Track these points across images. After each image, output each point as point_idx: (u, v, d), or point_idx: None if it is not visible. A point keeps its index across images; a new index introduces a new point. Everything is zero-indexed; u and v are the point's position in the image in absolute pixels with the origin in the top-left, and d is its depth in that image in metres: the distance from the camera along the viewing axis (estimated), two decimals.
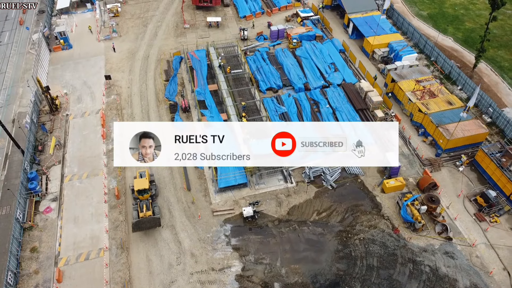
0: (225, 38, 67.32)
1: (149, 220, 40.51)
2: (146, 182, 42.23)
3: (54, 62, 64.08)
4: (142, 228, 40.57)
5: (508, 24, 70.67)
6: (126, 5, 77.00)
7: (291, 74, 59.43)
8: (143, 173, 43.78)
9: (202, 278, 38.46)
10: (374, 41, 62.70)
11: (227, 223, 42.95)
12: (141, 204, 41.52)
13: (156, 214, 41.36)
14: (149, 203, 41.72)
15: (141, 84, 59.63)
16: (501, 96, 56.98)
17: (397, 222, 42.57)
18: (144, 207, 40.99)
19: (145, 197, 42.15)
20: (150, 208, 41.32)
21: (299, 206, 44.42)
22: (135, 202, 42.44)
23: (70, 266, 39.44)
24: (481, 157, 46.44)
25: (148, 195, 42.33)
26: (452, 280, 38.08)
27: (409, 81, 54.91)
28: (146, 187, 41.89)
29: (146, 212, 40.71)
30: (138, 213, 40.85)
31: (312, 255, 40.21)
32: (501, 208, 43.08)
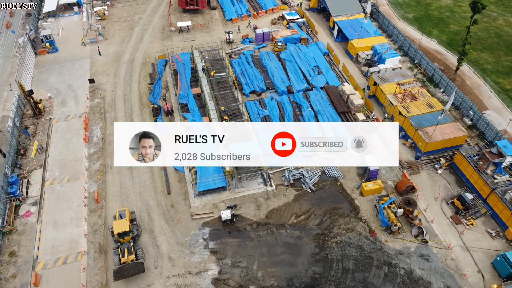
0: (211, 41, 67.57)
1: (132, 266, 37.62)
2: (126, 223, 39.43)
3: (39, 65, 64.27)
4: (125, 275, 37.54)
5: (492, 27, 71.10)
6: (113, 8, 77.29)
7: (275, 77, 59.74)
8: (123, 212, 41.02)
9: (179, 281, 38.70)
10: (358, 44, 63.03)
11: (205, 226, 43.20)
12: (122, 247, 38.71)
13: (139, 258, 38.54)
14: (131, 246, 38.93)
15: (126, 87, 59.87)
16: (483, 98, 57.35)
17: (374, 225, 42.88)
18: (125, 251, 38.18)
19: (126, 239, 39.42)
20: (132, 252, 38.46)
21: (278, 210, 44.70)
22: (115, 246, 39.52)
23: (48, 270, 39.64)
24: (460, 160, 46.78)
25: (129, 237, 39.61)
26: (426, 282, 38.39)
27: (391, 84, 55.22)
28: (126, 229, 39.06)
29: (128, 256, 37.89)
30: (120, 259, 38.04)
31: (289, 258, 40.48)
32: (478, 211, 43.40)
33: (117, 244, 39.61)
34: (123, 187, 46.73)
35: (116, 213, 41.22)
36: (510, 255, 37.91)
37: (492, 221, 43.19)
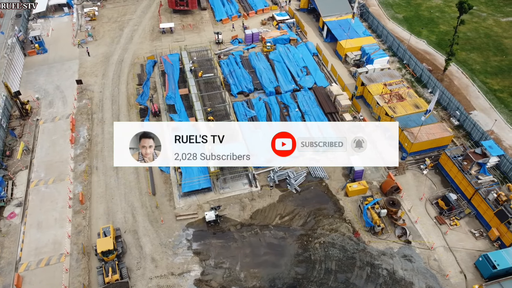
0: (200, 42, 67.55)
1: (116, 286, 36.84)
2: (110, 242, 38.35)
3: (28, 66, 64.22)
4: None
5: (482, 27, 71.18)
6: (103, 8, 77.26)
7: (263, 78, 59.74)
8: (107, 230, 39.87)
9: (161, 282, 38.66)
10: (347, 45, 63.05)
11: (189, 227, 43.18)
12: (106, 266, 37.67)
13: (124, 277, 37.56)
14: (115, 265, 37.95)
15: (114, 88, 59.84)
16: (470, 99, 57.39)
17: (358, 226, 42.89)
18: (110, 270, 37.22)
19: (110, 258, 38.34)
20: (116, 271, 37.49)
21: (262, 210, 44.68)
22: (99, 265, 38.46)
23: (31, 272, 39.56)
24: (445, 161, 46.82)
25: (113, 256, 38.48)
26: (408, 283, 38.39)
27: (378, 85, 55.23)
28: (110, 247, 38.04)
29: (112, 276, 36.95)
30: (104, 278, 37.06)
31: (272, 259, 40.46)
32: (462, 211, 43.44)
33: (101, 263, 38.48)
34: (108, 188, 46.70)
35: (100, 230, 40.05)
36: (492, 255, 37.97)
37: (476, 222, 43.22)
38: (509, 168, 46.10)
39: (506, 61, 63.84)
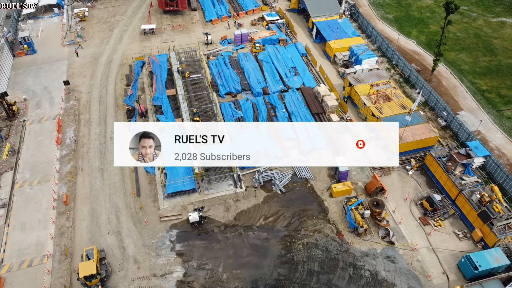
0: (190, 42, 67.48)
1: None
2: (93, 265, 36.56)
3: (17, 67, 64.10)
4: None
5: (472, 27, 71.15)
6: (94, 9, 77.15)
7: (251, 78, 59.66)
8: (90, 252, 38.02)
9: (143, 284, 38.56)
10: (335, 45, 62.99)
11: (173, 228, 43.08)
12: None
13: None
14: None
15: (101, 89, 59.73)
16: (458, 99, 57.33)
17: (342, 227, 42.82)
18: None
19: (93, 282, 36.55)
20: None
21: (246, 211, 44.59)
22: None
23: (12, 273, 39.43)
24: (430, 161, 46.77)
25: (97, 280, 36.70)
26: (391, 284, 38.32)
27: (365, 85, 55.17)
28: (93, 272, 36.31)
29: None
30: None
31: (255, 260, 40.37)
32: (446, 212, 43.38)
33: (84, 287, 37.22)
34: (93, 189, 46.62)
35: (83, 253, 38.33)
36: (474, 256, 37.89)
37: (460, 222, 43.17)
38: (495, 168, 46.09)
39: (495, 61, 63.82)
